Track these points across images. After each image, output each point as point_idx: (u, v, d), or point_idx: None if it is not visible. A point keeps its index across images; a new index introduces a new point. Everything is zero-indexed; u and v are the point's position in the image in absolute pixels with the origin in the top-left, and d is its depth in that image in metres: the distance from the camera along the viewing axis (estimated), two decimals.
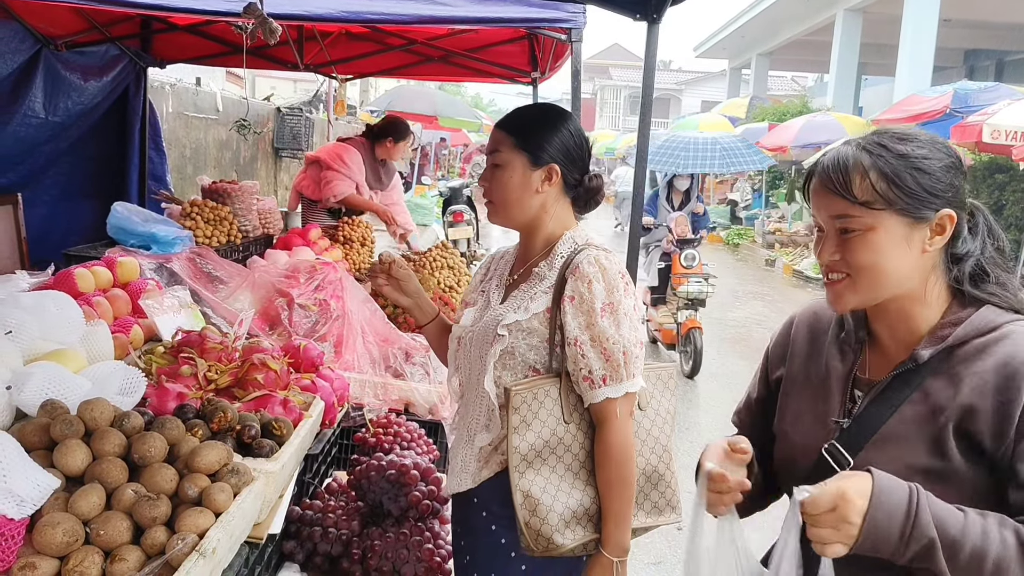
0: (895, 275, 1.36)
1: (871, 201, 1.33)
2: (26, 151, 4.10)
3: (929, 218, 1.33)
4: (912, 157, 1.34)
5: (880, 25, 18.75)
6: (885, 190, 1.33)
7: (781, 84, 37.43)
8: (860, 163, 1.35)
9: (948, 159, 1.36)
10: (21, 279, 2.48)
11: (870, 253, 1.35)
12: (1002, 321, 1.33)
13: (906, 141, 1.36)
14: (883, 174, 1.33)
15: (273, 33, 2.55)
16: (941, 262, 1.38)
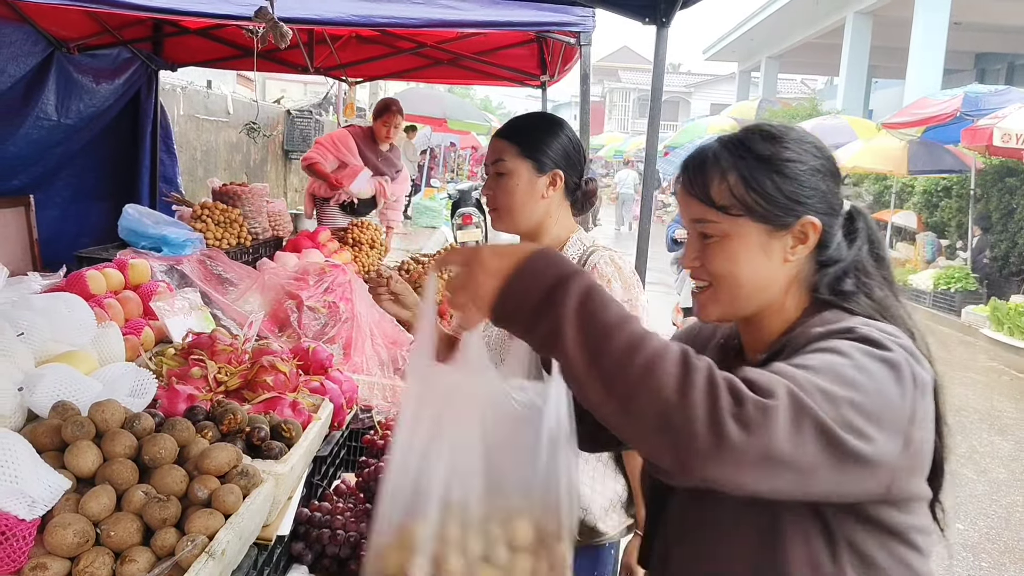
0: (753, 286, 1.25)
1: (728, 206, 1.23)
2: (38, 153, 4.13)
3: (791, 225, 1.23)
4: (775, 160, 1.23)
5: (890, 28, 18.71)
6: (743, 195, 1.22)
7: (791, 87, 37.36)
8: (720, 164, 1.25)
9: (817, 162, 1.25)
10: (33, 281, 2.49)
11: (726, 262, 1.25)
12: (843, 319, 1.19)
13: (772, 141, 1.25)
14: (742, 177, 1.23)
15: (284, 37, 2.57)
16: (807, 270, 1.27)
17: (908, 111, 12.64)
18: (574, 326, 1.03)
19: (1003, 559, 4.44)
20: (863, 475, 1.04)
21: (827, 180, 1.25)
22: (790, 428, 0.98)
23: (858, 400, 1.02)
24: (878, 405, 1.03)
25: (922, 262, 12.96)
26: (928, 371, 1.13)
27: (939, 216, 13.79)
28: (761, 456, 0.97)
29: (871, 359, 1.06)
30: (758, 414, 0.97)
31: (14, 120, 3.85)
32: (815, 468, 1.00)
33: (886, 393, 1.05)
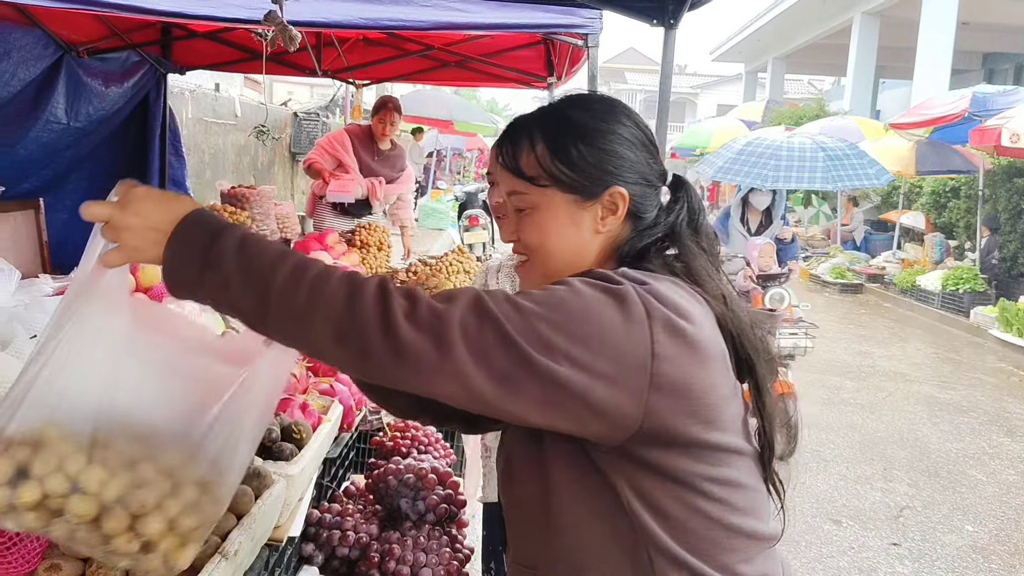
0: (566, 257, 1.24)
1: (536, 177, 1.22)
2: (48, 156, 4.15)
3: (599, 195, 1.22)
4: (583, 129, 1.22)
5: (898, 28, 18.67)
6: (550, 165, 1.21)
7: (798, 87, 37.28)
8: (529, 134, 1.24)
9: (628, 132, 1.24)
10: (45, 283, 2.51)
11: (537, 234, 1.24)
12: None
13: (581, 110, 1.25)
14: (549, 148, 1.22)
15: (293, 40, 2.58)
16: (622, 239, 1.26)
17: (916, 111, 12.60)
18: (237, 274, 1.03)
19: (1013, 561, 4.43)
20: (570, 402, 1.04)
21: (638, 150, 1.25)
22: (469, 332, 1.00)
23: (558, 319, 1.03)
24: (587, 329, 1.04)
25: (930, 263, 12.92)
26: (696, 325, 1.12)
27: (947, 217, 13.75)
28: (440, 358, 0.98)
29: (591, 288, 1.08)
30: (432, 316, 0.99)
31: (24, 123, 3.87)
32: (507, 379, 1.01)
33: (602, 319, 1.05)
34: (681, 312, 1.11)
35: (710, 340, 1.14)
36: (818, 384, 7.75)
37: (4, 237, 3.73)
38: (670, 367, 1.07)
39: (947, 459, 5.92)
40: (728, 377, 1.17)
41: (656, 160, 1.28)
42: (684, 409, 1.10)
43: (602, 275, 1.12)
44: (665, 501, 1.13)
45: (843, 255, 14.73)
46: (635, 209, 1.24)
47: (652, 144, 1.28)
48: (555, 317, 1.04)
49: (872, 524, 4.79)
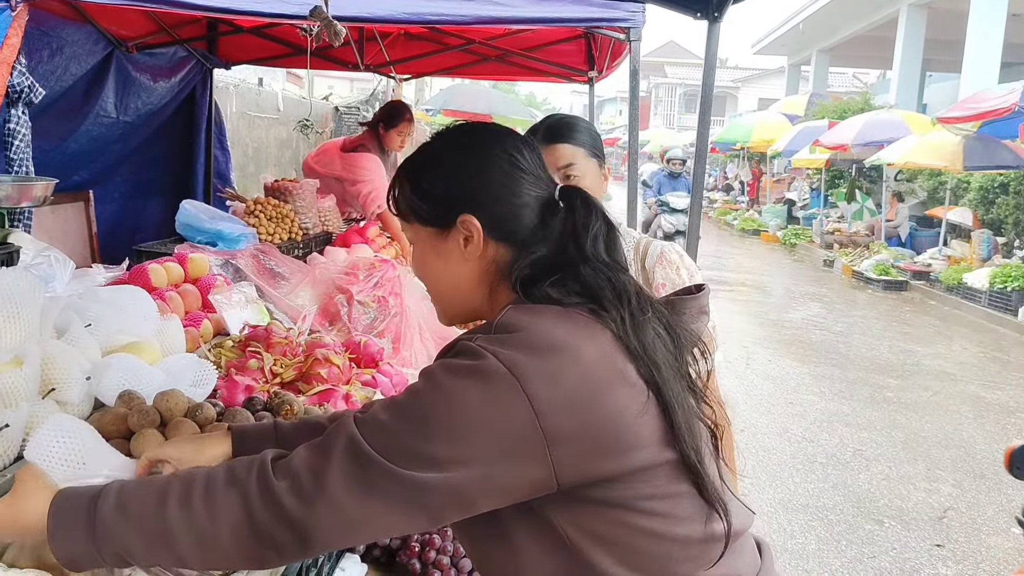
0: (446, 289, 1.28)
1: (405, 214, 1.28)
2: (98, 150, 4.24)
3: (452, 225, 1.22)
4: (431, 160, 1.26)
5: (945, 20, 18.26)
6: (409, 199, 1.26)
7: (842, 81, 36.67)
8: (401, 173, 1.30)
9: (479, 156, 1.23)
10: (97, 273, 2.58)
11: (418, 267, 1.31)
12: (508, 317, 1.14)
13: (440, 141, 1.28)
14: (407, 183, 1.27)
15: (338, 35, 2.60)
16: (507, 264, 1.23)
17: (963, 105, 12.32)
18: (130, 535, 1.06)
19: None
20: (481, 495, 1.07)
21: (493, 171, 1.22)
22: (351, 484, 1.03)
23: (429, 429, 1.04)
24: (460, 423, 1.04)
25: (977, 260, 12.63)
26: (576, 358, 1.08)
27: (995, 213, 13.43)
28: (343, 516, 1.04)
29: (451, 376, 1.07)
30: (311, 482, 1.04)
31: (75, 118, 3.96)
32: (413, 508, 1.05)
33: (469, 408, 1.04)
34: (557, 350, 1.08)
35: (599, 369, 1.10)
36: (861, 383, 7.64)
37: (55, 228, 3.83)
38: (562, 419, 1.05)
39: (993, 460, 5.80)
40: (633, 393, 1.12)
41: (531, 180, 1.24)
42: (594, 449, 1.08)
43: (465, 349, 1.10)
44: (609, 530, 1.12)
45: (887, 251, 14.48)
46: (498, 233, 1.22)
47: (519, 166, 1.24)
48: (425, 428, 1.05)
49: (915, 525, 4.71)
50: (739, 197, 25.45)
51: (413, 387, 1.11)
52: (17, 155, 3.01)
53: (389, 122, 5.21)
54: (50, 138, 3.68)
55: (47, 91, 3.18)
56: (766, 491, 5.04)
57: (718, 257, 16.00)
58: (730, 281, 13.69)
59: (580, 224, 1.22)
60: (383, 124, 5.21)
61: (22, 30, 2.66)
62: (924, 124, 13.93)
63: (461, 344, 1.11)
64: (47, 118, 3.54)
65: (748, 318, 10.56)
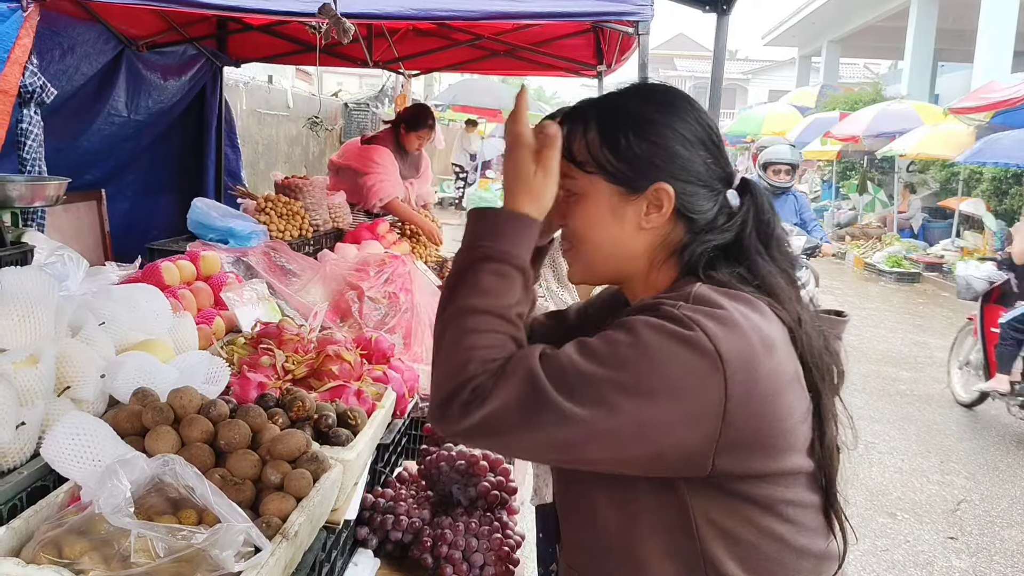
0: (606, 250, 1.22)
1: (584, 162, 1.20)
2: (109, 148, 4.27)
3: (643, 190, 1.17)
4: (638, 119, 1.18)
5: (957, 9, 18.13)
6: (598, 152, 1.18)
7: (853, 72, 36.44)
8: (585, 118, 1.21)
9: (687, 128, 1.18)
10: (111, 271, 2.59)
11: (580, 222, 1.22)
12: (685, 288, 1.13)
13: (642, 100, 1.21)
14: (600, 134, 1.19)
15: (347, 32, 2.61)
16: (675, 240, 1.20)
17: (976, 95, 12.23)
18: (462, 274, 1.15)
19: None
20: (642, 456, 1.06)
21: (695, 149, 1.18)
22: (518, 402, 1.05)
23: (622, 379, 1.03)
24: (654, 383, 1.03)
25: (991, 251, 12.55)
26: (772, 353, 1.08)
27: (1008, 204, 13.34)
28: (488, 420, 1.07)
29: (658, 335, 1.05)
30: (485, 412, 1.07)
31: (86, 116, 3.99)
32: (566, 446, 1.06)
33: (670, 371, 1.03)
34: (761, 340, 1.07)
35: (785, 365, 1.10)
36: (874, 375, 7.61)
37: (68, 227, 3.86)
38: (744, 407, 1.05)
39: (1006, 453, 5.78)
40: (802, 398, 1.13)
41: (718, 161, 1.21)
42: (758, 443, 1.08)
43: (670, 315, 1.07)
44: (738, 526, 1.12)
45: (900, 243, 14.40)
46: (685, 209, 1.18)
47: (714, 144, 1.21)
48: (619, 377, 1.04)
49: (928, 517, 4.70)
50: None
51: (610, 336, 1.07)
52: (30, 155, 3.03)
53: (411, 124, 5.24)
54: (62, 137, 3.70)
55: (59, 91, 3.20)
56: None
57: None
58: None
59: (762, 216, 1.21)
60: (405, 125, 5.24)
61: (33, 30, 2.68)
62: (936, 115, 13.85)
63: (665, 309, 1.07)
64: (59, 118, 3.57)
65: None
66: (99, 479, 1.36)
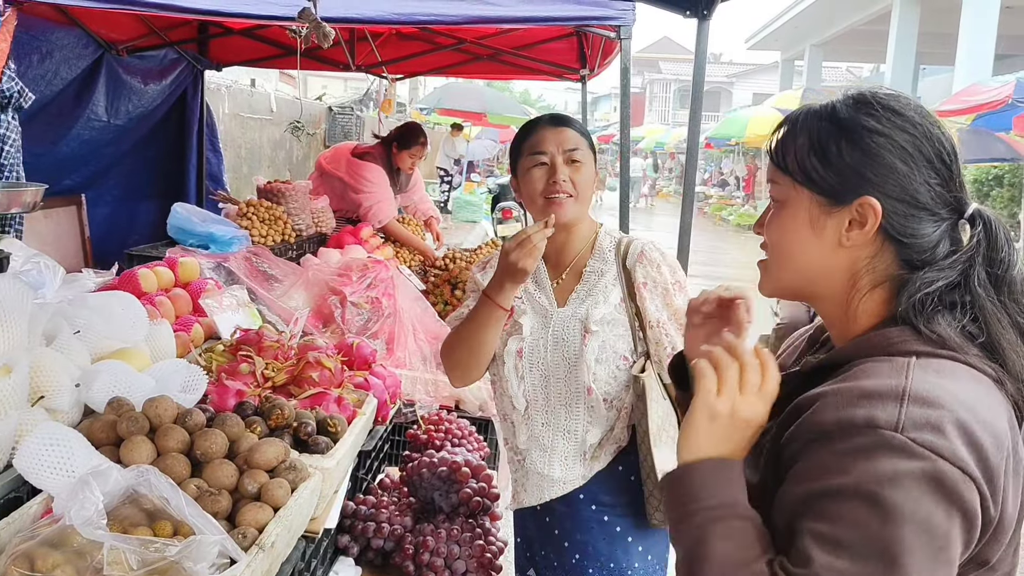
0: (800, 263, 1.13)
1: (791, 169, 1.11)
2: (89, 153, 4.24)
3: (848, 203, 1.06)
4: (851, 126, 1.07)
5: (939, 13, 18.27)
6: (804, 158, 1.10)
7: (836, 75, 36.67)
8: (797, 125, 1.13)
9: (909, 140, 1.05)
10: (87, 278, 2.57)
11: (778, 230, 1.14)
12: (904, 348, 1.01)
13: (859, 106, 1.09)
14: (809, 140, 1.10)
15: (327, 36, 2.60)
16: (882, 268, 1.08)
17: (958, 98, 12.34)
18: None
19: None
20: None
21: (915, 165, 1.05)
22: None
23: (884, 565, 0.90)
24: (919, 540, 0.90)
25: None
26: (1008, 452, 0.96)
27: (990, 205, 13.45)
28: None
29: (903, 491, 0.90)
30: None
31: (66, 121, 3.95)
32: None
33: (936, 527, 0.90)
34: (992, 439, 0.93)
35: (1016, 453, 0.97)
36: None
37: (47, 232, 3.82)
38: (991, 507, 0.94)
39: None
40: (1019, 488, 0.98)
41: (946, 184, 1.06)
42: (994, 534, 0.98)
43: (888, 442, 0.92)
44: None
45: None
46: (894, 231, 1.05)
47: (943, 164, 1.06)
48: (897, 568, 0.90)
49: None
50: (734, 192, 25.50)
51: (848, 515, 0.92)
52: (8, 160, 3.00)
53: (403, 142, 5.20)
54: (41, 142, 3.67)
55: (37, 96, 3.17)
56: None
57: (713, 253, 16.01)
58: (726, 277, 13.70)
59: (994, 254, 1.05)
60: (397, 143, 5.19)
61: (11, 35, 2.66)
62: None
63: (880, 435, 0.92)
64: (38, 123, 3.54)
65: None
66: (72, 490, 1.34)
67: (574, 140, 2.00)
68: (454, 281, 4.37)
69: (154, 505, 1.40)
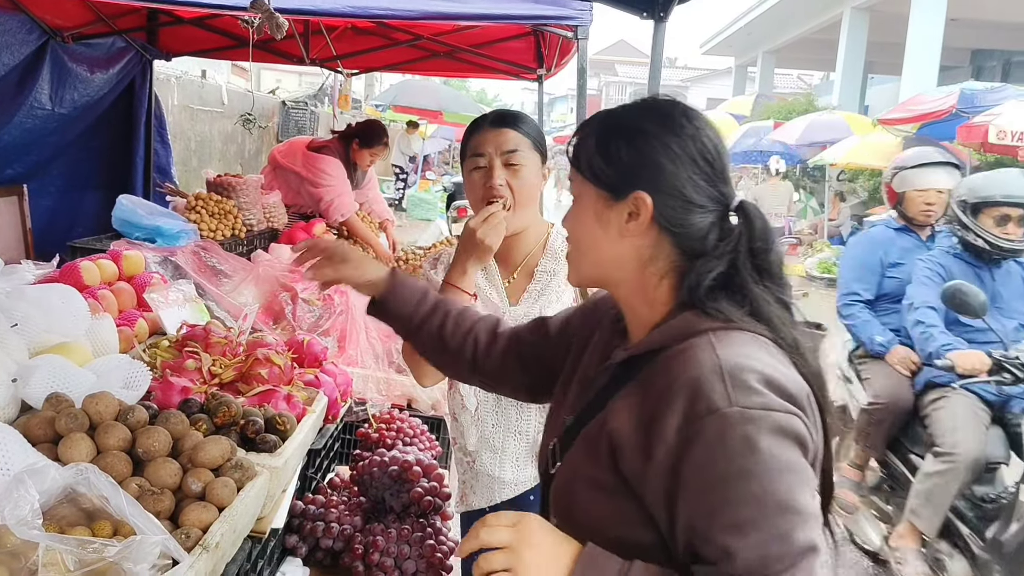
0: (591, 253, 1.25)
1: (581, 167, 1.25)
2: (32, 142, 4.11)
3: (624, 197, 1.19)
4: (630, 128, 1.21)
5: (887, 24, 18.73)
6: (590, 157, 1.23)
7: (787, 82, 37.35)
8: (591, 125, 1.26)
9: (679, 143, 1.18)
10: (27, 270, 2.48)
11: (573, 223, 1.28)
12: (700, 328, 1.14)
13: (640, 111, 1.23)
14: (596, 140, 1.23)
15: (280, 28, 2.55)
16: (665, 258, 1.20)
17: (904, 107, 12.65)
18: None
19: None
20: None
21: (684, 164, 1.18)
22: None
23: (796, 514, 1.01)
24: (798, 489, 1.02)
25: None
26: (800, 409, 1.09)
27: None
28: None
29: (760, 435, 1.03)
30: None
31: (8, 109, 3.83)
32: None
33: (785, 445, 1.04)
34: (799, 392, 1.09)
35: (808, 400, 1.11)
36: None
37: None
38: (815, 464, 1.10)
39: None
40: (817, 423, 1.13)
41: (710, 179, 1.19)
42: None
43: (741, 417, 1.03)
44: None
45: (830, 250, 14.78)
46: (666, 222, 1.18)
47: (707, 163, 1.19)
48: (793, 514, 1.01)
49: None
50: None
51: (740, 494, 1.02)
52: None
53: (366, 140, 5.12)
54: None
55: None
56: None
57: None
58: None
59: (754, 243, 1.19)
60: (359, 140, 5.12)
61: None
62: (865, 125, 14.27)
63: (723, 416, 1.04)
64: None
65: None
66: (6, 489, 1.29)
67: (514, 141, 1.95)
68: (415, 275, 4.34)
69: (93, 504, 1.35)
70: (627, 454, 1.12)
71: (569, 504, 1.22)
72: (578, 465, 1.22)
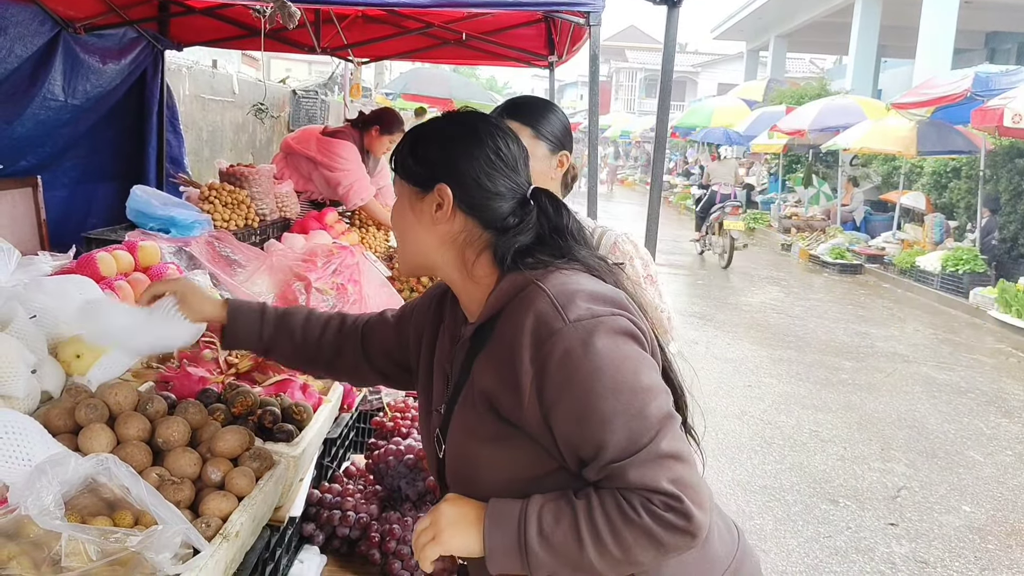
0: (413, 244, 1.43)
1: (398, 168, 1.43)
2: (45, 134, 4.12)
3: (430, 190, 1.37)
4: (434, 133, 1.41)
5: (900, 6, 18.52)
6: (403, 157, 1.42)
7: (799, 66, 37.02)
8: (413, 131, 1.45)
9: (477, 147, 1.37)
10: (43, 262, 2.49)
11: (395, 218, 1.46)
12: (525, 281, 1.31)
13: (447, 122, 1.43)
14: (411, 143, 1.42)
15: (292, 17, 2.55)
16: (476, 238, 1.38)
17: (917, 91, 12.53)
18: (557, 564, 1.23)
19: (1010, 541, 4.46)
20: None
21: (479, 161, 1.36)
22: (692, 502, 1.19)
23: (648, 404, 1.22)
24: (643, 372, 1.24)
25: (930, 243, 12.90)
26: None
27: (948, 197, 13.71)
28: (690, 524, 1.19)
29: (601, 339, 1.22)
30: (679, 518, 1.18)
31: (21, 101, 3.84)
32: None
33: (631, 352, 1.25)
34: (621, 297, 1.32)
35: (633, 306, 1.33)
36: (817, 364, 7.76)
37: (2, 215, 3.72)
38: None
39: (945, 440, 5.94)
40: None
41: (507, 174, 1.38)
42: None
43: (573, 331, 1.23)
44: None
45: (843, 235, 14.71)
46: (468, 208, 1.36)
47: (500, 160, 1.38)
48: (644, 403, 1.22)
49: (870, 504, 4.81)
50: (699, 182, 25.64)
51: (599, 393, 1.20)
52: None
53: (386, 128, 5.12)
54: None
55: None
56: (725, 473, 5.10)
57: (677, 242, 16.12)
58: (689, 265, 13.81)
59: (553, 221, 1.39)
60: (379, 127, 5.11)
61: None
62: (879, 110, 14.14)
63: (564, 333, 1.22)
64: None
65: (708, 302, 10.67)
66: (28, 480, 1.31)
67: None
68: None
69: (114, 495, 1.36)
70: (503, 401, 1.27)
71: (471, 473, 1.35)
72: (466, 432, 1.36)
